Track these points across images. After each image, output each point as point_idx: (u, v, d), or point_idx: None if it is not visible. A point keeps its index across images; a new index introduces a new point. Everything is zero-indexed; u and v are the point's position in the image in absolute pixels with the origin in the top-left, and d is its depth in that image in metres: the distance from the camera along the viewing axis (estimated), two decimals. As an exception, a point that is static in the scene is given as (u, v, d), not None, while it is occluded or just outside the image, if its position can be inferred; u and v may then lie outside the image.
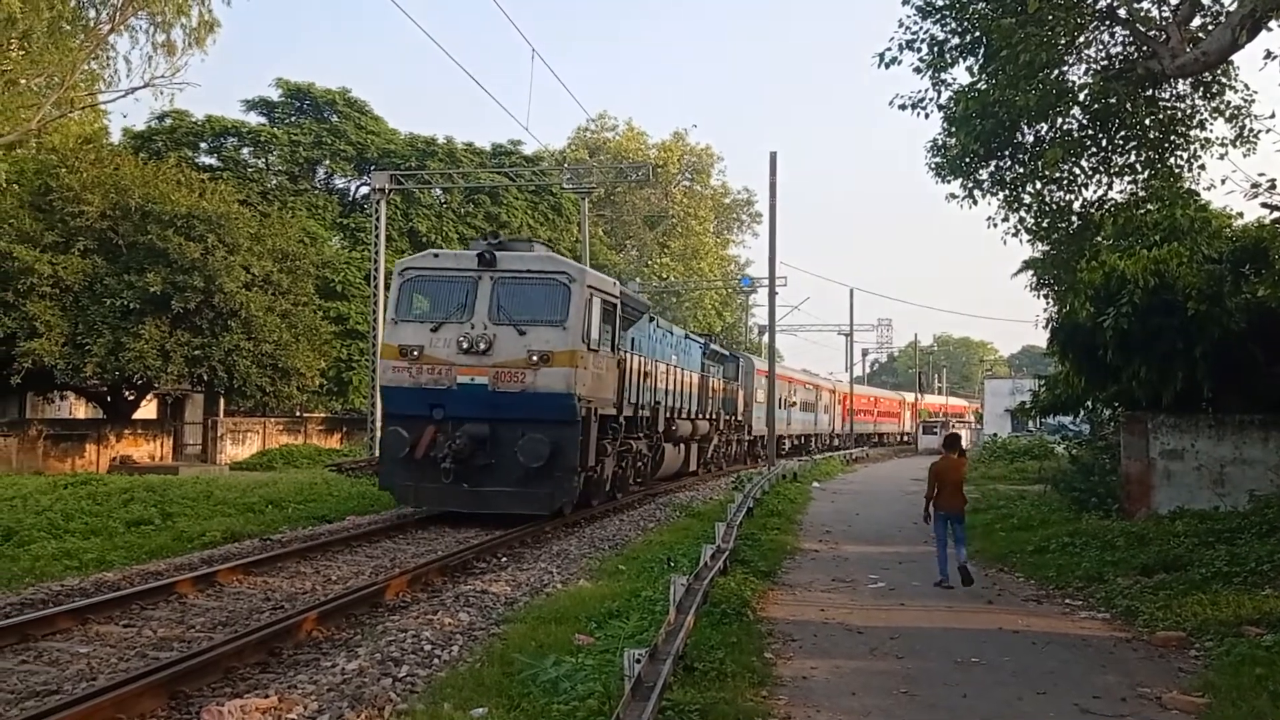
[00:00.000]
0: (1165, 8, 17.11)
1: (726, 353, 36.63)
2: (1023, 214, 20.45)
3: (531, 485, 16.26)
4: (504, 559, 13.95)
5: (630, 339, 20.60)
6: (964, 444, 14.65)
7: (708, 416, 29.95)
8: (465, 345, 16.18)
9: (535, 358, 15.97)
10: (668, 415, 23.79)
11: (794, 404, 49.41)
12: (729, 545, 12.84)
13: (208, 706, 6.70)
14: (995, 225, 20.74)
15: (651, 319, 23.71)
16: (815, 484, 31.57)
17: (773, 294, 36.95)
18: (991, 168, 19.80)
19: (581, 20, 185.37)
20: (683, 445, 26.62)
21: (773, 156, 33.84)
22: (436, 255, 18.81)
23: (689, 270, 63.63)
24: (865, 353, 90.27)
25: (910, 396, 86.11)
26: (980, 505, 21.72)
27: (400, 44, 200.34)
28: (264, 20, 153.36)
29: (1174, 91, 18.88)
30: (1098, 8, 17.49)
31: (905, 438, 76.53)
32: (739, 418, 36.99)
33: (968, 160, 19.43)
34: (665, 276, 60.75)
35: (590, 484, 18.03)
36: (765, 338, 49.22)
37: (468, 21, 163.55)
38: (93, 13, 34.75)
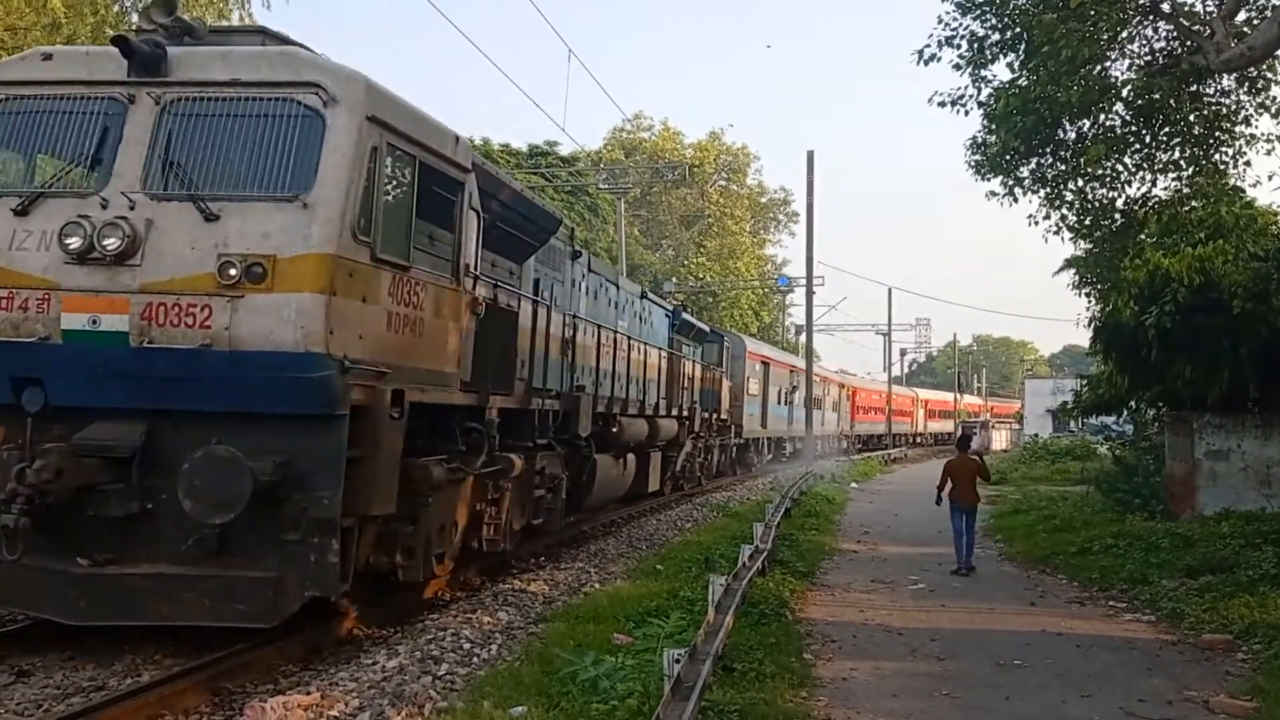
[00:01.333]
0: (1210, 2, 16.87)
1: (706, 328, 27.72)
2: (1064, 211, 20.24)
3: (226, 564, 7.71)
4: (541, 558, 13.98)
5: (532, 278, 12.47)
6: (977, 445, 15.53)
7: (676, 413, 21.32)
8: (79, 245, 7.62)
9: (235, 270, 7.58)
10: (604, 410, 15.41)
11: (796, 398, 41.69)
12: (767, 546, 12.81)
13: (251, 703, 6.74)
14: (1036, 223, 20.53)
15: (577, 254, 14.87)
16: (853, 485, 31.45)
17: (810, 293, 36.91)
18: (1032, 165, 19.61)
19: (618, 20, 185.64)
20: (632, 456, 17.59)
21: (810, 156, 33.91)
22: (49, 57, 8.67)
23: (725, 270, 63.42)
24: (904, 352, 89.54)
25: (922, 393, 79.58)
26: (1022, 506, 21.62)
27: (436, 45, 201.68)
28: (301, 22, 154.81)
29: (1219, 87, 18.59)
30: (1141, 2, 17.27)
31: (918, 439, 70.69)
32: (723, 415, 28.15)
33: (1008, 158, 19.27)
34: (701, 276, 60.60)
35: (388, 547, 8.98)
36: (803, 337, 48.96)
37: (504, 22, 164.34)
38: (135, 17, 35.23)
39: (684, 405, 22.19)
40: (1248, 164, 18.95)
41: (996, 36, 18.32)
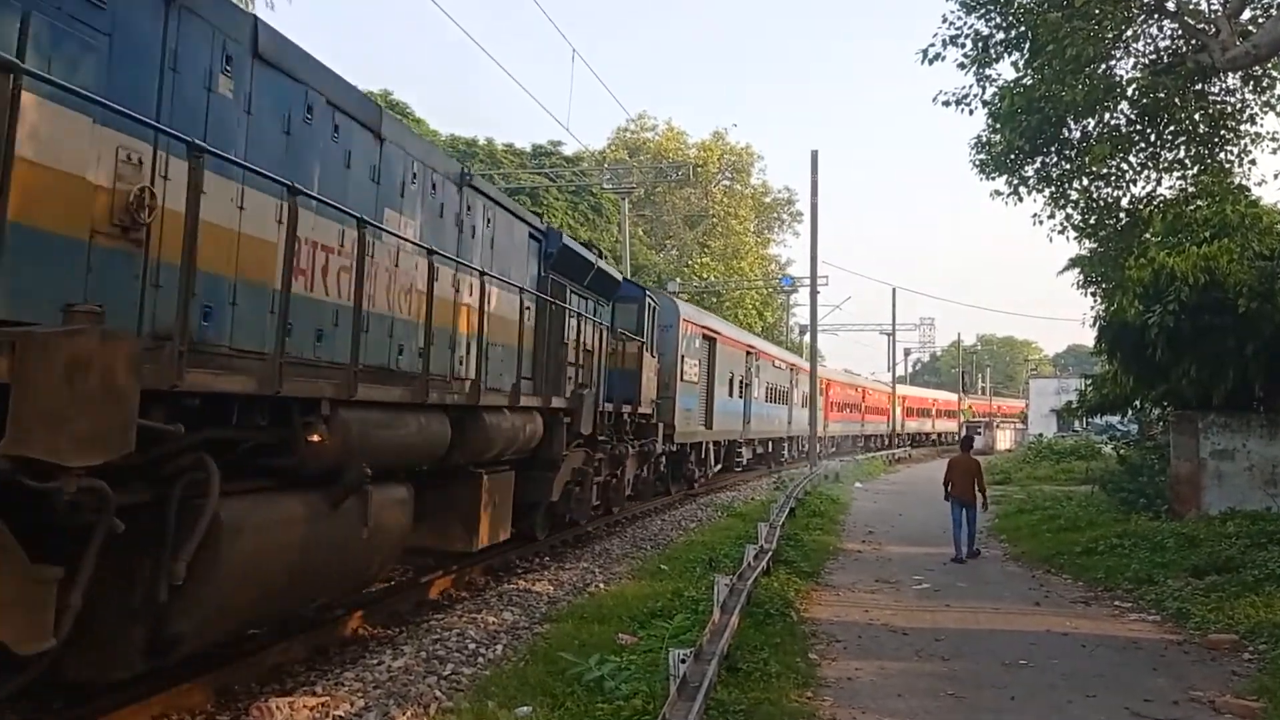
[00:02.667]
0: (1215, 0, 16.87)
1: (616, 275, 17.87)
2: (1069, 210, 20.29)
3: None
4: (546, 558, 13.98)
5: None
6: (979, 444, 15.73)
7: (542, 404, 12.33)
8: None
9: None
10: (264, 389, 6.38)
11: (754, 389, 32.58)
12: (771, 545, 12.80)
13: (256, 703, 6.75)
14: (1041, 222, 20.61)
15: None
16: (858, 484, 31.44)
17: (814, 293, 36.84)
18: (1037, 164, 19.64)
19: (622, 20, 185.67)
20: (403, 491, 8.75)
21: (814, 155, 33.83)
22: None
23: (729, 270, 63.38)
24: (907, 352, 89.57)
25: (902, 390, 71.29)
26: (1026, 506, 21.59)
27: (441, 46, 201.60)
28: (303, 22, 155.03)
29: (1223, 85, 18.63)
30: (1146, 1, 17.28)
31: (897, 439, 64.90)
32: (645, 409, 18.62)
33: (1013, 157, 19.29)
34: (705, 276, 60.58)
35: None
36: (807, 337, 48.84)
37: (508, 22, 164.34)
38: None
39: (565, 392, 13.63)
40: (1253, 163, 19.06)
41: (1001, 35, 18.35)
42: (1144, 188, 19.87)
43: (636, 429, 18.63)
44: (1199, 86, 18.14)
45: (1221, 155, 19.14)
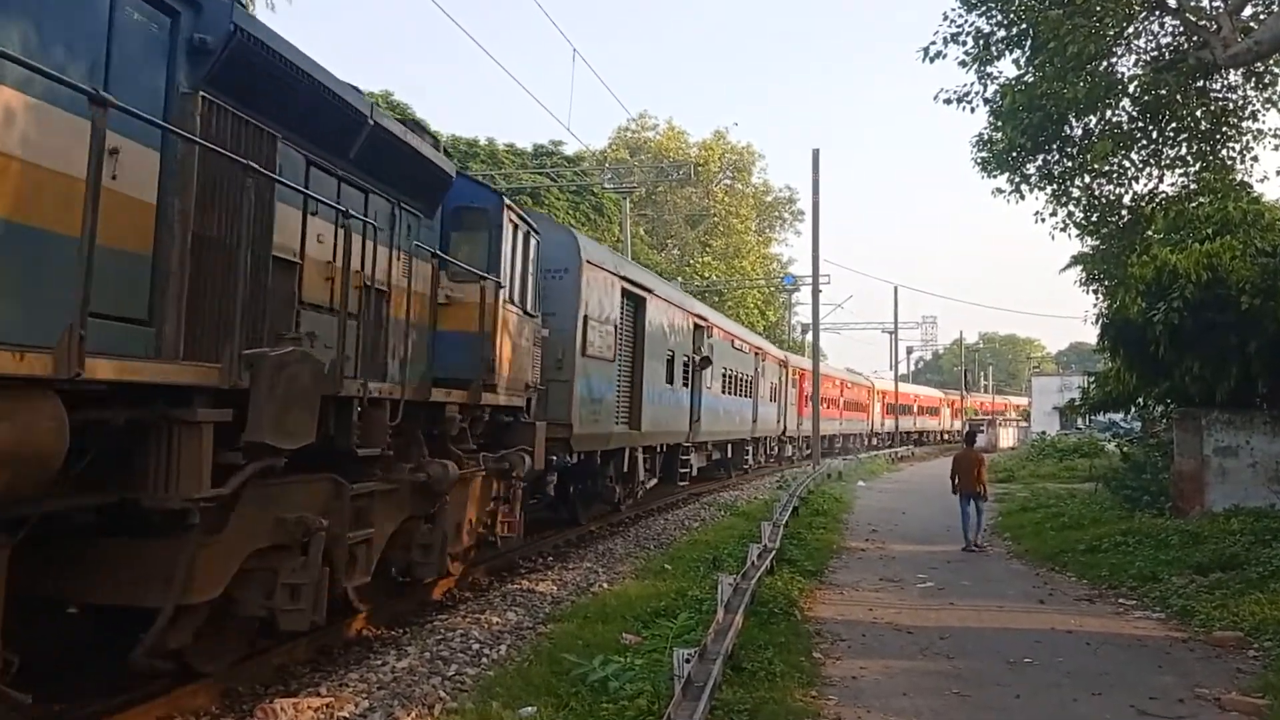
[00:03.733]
0: (1216, -4, 16.87)
1: (437, 161, 9.92)
2: (1071, 208, 20.29)
3: None
4: (549, 558, 13.98)
5: None
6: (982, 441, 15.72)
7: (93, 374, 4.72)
8: None
9: None
10: None
11: (708, 377, 24.11)
12: (775, 544, 12.79)
13: (261, 704, 6.74)
14: (1043, 220, 20.61)
15: None
16: (860, 483, 31.42)
17: (816, 292, 36.84)
18: (1039, 162, 19.64)
19: (622, 20, 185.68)
20: None
21: (815, 154, 33.85)
22: None
23: (731, 269, 63.33)
24: (910, 350, 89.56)
25: (882, 385, 66.00)
26: (1030, 504, 21.58)
27: (441, 46, 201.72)
28: (305, 22, 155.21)
29: (1225, 82, 18.62)
30: (1147, -2, 17.28)
31: (875, 439, 60.30)
32: (510, 399, 11.37)
33: (1015, 154, 19.28)
34: (707, 276, 60.53)
35: None
36: (809, 336, 48.77)
37: (508, 22, 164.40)
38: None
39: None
40: (1255, 159, 19.06)
41: (1002, 33, 18.34)
42: (1146, 185, 19.89)
43: (488, 433, 11.38)
44: (1200, 83, 18.13)
45: (1223, 152, 19.13)
